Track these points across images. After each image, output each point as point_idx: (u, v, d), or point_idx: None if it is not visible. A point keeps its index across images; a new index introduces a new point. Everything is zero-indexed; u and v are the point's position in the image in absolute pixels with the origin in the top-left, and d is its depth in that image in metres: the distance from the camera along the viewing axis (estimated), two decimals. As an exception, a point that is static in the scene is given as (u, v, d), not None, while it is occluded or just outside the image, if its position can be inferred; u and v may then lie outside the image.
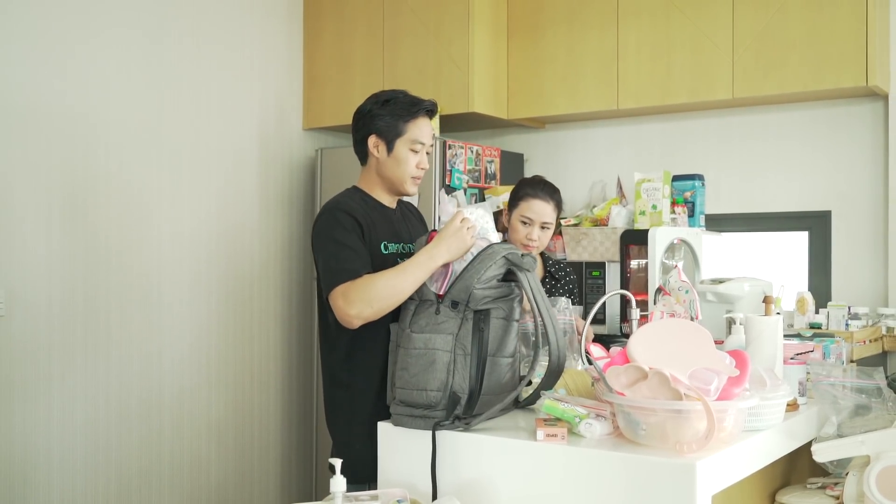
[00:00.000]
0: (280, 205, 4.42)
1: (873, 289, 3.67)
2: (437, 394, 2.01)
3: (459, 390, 2.02)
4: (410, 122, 2.33)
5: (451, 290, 2.07)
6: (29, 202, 3.40)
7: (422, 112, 2.35)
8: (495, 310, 2.07)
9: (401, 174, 2.35)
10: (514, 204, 2.92)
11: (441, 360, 2.03)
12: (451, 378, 2.02)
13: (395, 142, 2.33)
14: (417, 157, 2.35)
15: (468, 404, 2.02)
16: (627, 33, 3.93)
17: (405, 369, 2.06)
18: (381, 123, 2.34)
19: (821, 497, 2.21)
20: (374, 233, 2.30)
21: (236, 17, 4.18)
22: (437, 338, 2.04)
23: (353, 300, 2.13)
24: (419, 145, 2.34)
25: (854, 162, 3.74)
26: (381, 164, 2.36)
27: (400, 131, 2.33)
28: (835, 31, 3.48)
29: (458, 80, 4.05)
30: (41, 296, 3.42)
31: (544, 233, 2.89)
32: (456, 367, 2.03)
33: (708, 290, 3.09)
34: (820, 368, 2.35)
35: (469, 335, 2.05)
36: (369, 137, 2.36)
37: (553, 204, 2.91)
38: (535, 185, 2.94)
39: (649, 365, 1.84)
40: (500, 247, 2.12)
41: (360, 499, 1.88)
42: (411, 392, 2.04)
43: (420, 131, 2.34)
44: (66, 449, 3.51)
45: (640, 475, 1.76)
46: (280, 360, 4.41)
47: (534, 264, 2.13)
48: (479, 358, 2.05)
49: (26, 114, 3.40)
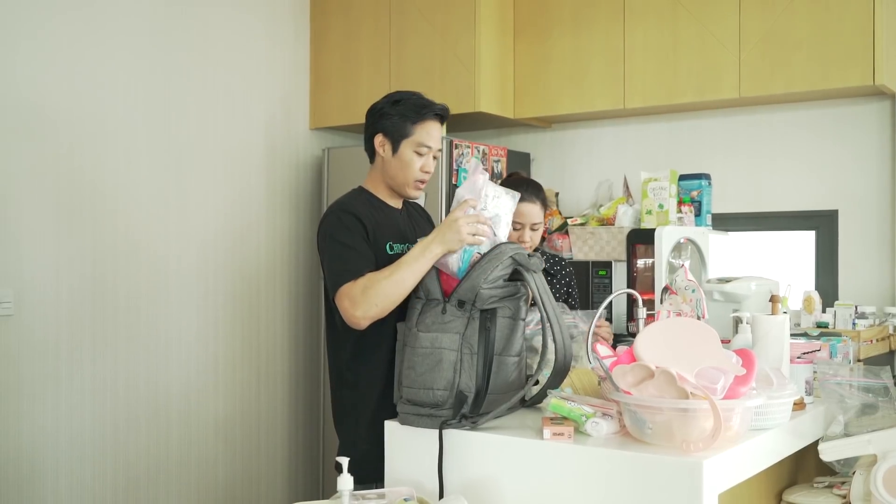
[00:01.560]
0: (287, 204, 4.42)
1: (880, 288, 3.66)
2: (443, 393, 2.01)
3: (466, 389, 2.02)
4: (418, 124, 2.32)
5: (458, 290, 2.07)
6: (37, 202, 3.41)
7: (430, 115, 2.33)
8: (501, 309, 2.08)
9: (404, 176, 2.34)
10: None
11: (448, 359, 2.03)
12: (457, 377, 2.02)
13: (401, 143, 2.32)
14: (422, 161, 2.34)
15: (475, 403, 2.03)
16: (634, 33, 3.93)
17: (412, 368, 2.06)
18: (388, 123, 2.33)
19: (827, 496, 2.20)
20: (379, 234, 2.30)
21: (242, 18, 4.19)
22: (444, 337, 2.04)
23: (358, 301, 2.14)
24: (425, 148, 2.33)
25: (861, 161, 3.74)
26: (385, 163, 2.36)
27: (406, 132, 2.32)
28: (842, 30, 3.47)
29: (464, 79, 4.05)
30: (49, 295, 3.44)
31: (535, 233, 2.91)
32: (463, 366, 2.03)
33: (714, 289, 3.08)
34: (827, 367, 2.35)
35: (476, 334, 2.05)
36: (376, 136, 2.35)
37: (539, 203, 2.90)
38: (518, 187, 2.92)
39: (656, 364, 1.84)
40: (507, 247, 2.12)
41: (367, 497, 1.88)
42: (418, 391, 2.04)
43: (427, 134, 2.33)
44: (74, 448, 3.52)
45: (647, 474, 1.76)
46: (287, 359, 4.42)
47: (540, 265, 2.13)
48: (485, 357, 2.05)
49: (35, 115, 3.41)
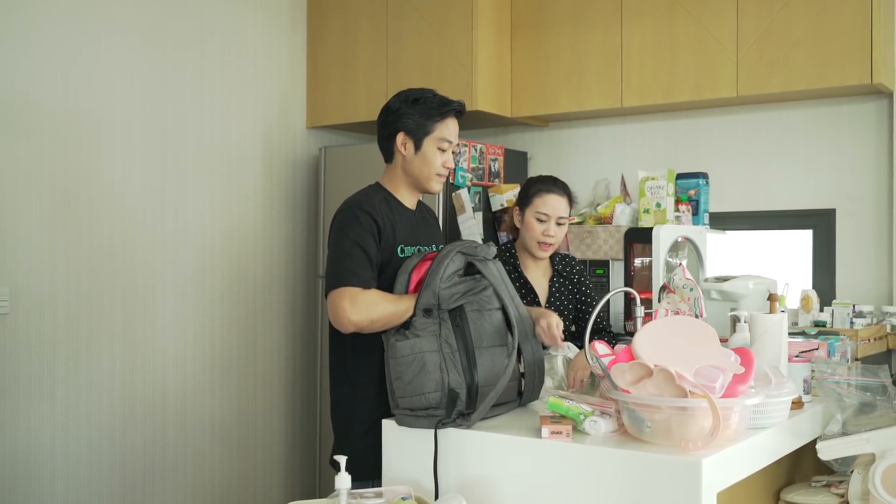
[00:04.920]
0: (283, 203, 4.42)
1: (878, 287, 3.67)
2: (435, 395, 2.04)
3: (457, 386, 2.05)
4: (440, 121, 2.37)
5: (420, 300, 2.12)
6: (33, 201, 3.40)
7: (451, 112, 2.40)
8: (468, 304, 2.13)
9: (427, 172, 2.38)
10: (527, 202, 2.90)
11: (431, 360, 2.06)
12: (445, 376, 2.05)
13: (424, 140, 2.37)
14: (444, 156, 2.39)
15: (469, 399, 2.05)
16: (631, 31, 3.93)
17: (399, 378, 2.09)
18: (410, 121, 2.37)
19: (825, 495, 2.20)
20: (393, 235, 2.33)
21: (239, 16, 4.18)
22: (422, 341, 2.08)
23: (360, 309, 2.16)
24: (446, 143, 2.39)
25: (859, 160, 3.74)
26: (407, 161, 2.39)
27: (429, 130, 2.37)
28: (839, 29, 3.47)
29: (461, 78, 4.04)
30: (45, 293, 3.43)
31: (560, 229, 2.88)
32: (447, 364, 2.06)
33: (712, 288, 3.08)
34: (825, 366, 2.35)
35: (451, 333, 2.10)
36: (397, 135, 2.39)
37: (566, 199, 2.91)
38: (546, 181, 2.93)
39: (654, 362, 1.84)
40: (452, 244, 2.19)
41: (364, 495, 1.88)
42: (411, 398, 2.06)
43: (448, 130, 2.39)
44: (70, 447, 3.51)
45: (645, 472, 1.75)
46: (283, 358, 4.41)
47: (491, 252, 2.18)
48: (466, 352, 2.08)
49: (31, 114, 3.40)
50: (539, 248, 2.87)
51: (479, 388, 2.05)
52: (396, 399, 2.10)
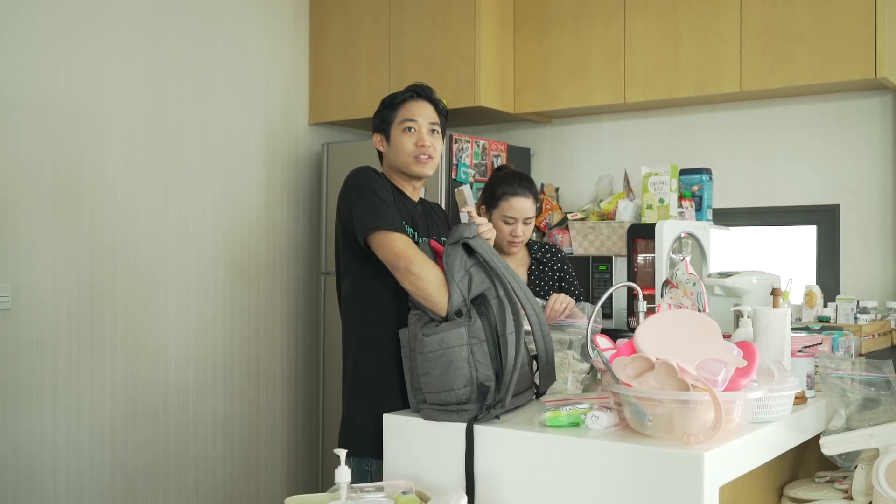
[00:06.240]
0: (286, 200, 4.41)
1: (882, 283, 3.65)
2: (465, 390, 2.02)
3: (486, 379, 2.03)
4: (400, 107, 2.40)
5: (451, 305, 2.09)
6: (35, 198, 3.40)
7: (409, 96, 2.41)
8: (488, 290, 2.12)
9: (403, 157, 2.38)
10: (493, 204, 2.91)
11: (459, 356, 2.03)
12: (473, 371, 2.03)
13: (390, 130, 2.40)
14: (414, 136, 2.37)
15: (497, 389, 2.03)
16: (634, 27, 3.92)
17: (427, 374, 2.06)
18: (377, 120, 2.44)
19: (829, 491, 2.19)
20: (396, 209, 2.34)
21: (242, 12, 4.18)
22: (450, 335, 2.05)
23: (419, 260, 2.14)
24: (410, 122, 2.38)
25: (862, 155, 3.72)
26: (387, 157, 2.44)
27: (391, 119, 2.40)
28: (843, 24, 3.46)
29: (464, 74, 4.04)
30: (47, 291, 3.43)
31: (527, 227, 2.93)
32: (475, 357, 2.04)
33: (715, 283, 3.07)
34: (828, 361, 2.34)
35: (478, 321, 2.07)
36: (374, 137, 2.46)
37: (532, 198, 2.92)
38: (511, 181, 2.92)
39: (656, 356, 1.83)
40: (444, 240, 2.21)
41: (365, 489, 1.87)
42: (440, 394, 2.04)
43: (408, 111, 2.39)
44: (72, 444, 3.51)
45: (647, 466, 1.74)
46: (286, 354, 4.41)
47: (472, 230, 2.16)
48: (493, 339, 2.07)
49: (32, 111, 3.40)
50: (508, 246, 2.92)
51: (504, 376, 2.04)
52: (425, 394, 2.08)
